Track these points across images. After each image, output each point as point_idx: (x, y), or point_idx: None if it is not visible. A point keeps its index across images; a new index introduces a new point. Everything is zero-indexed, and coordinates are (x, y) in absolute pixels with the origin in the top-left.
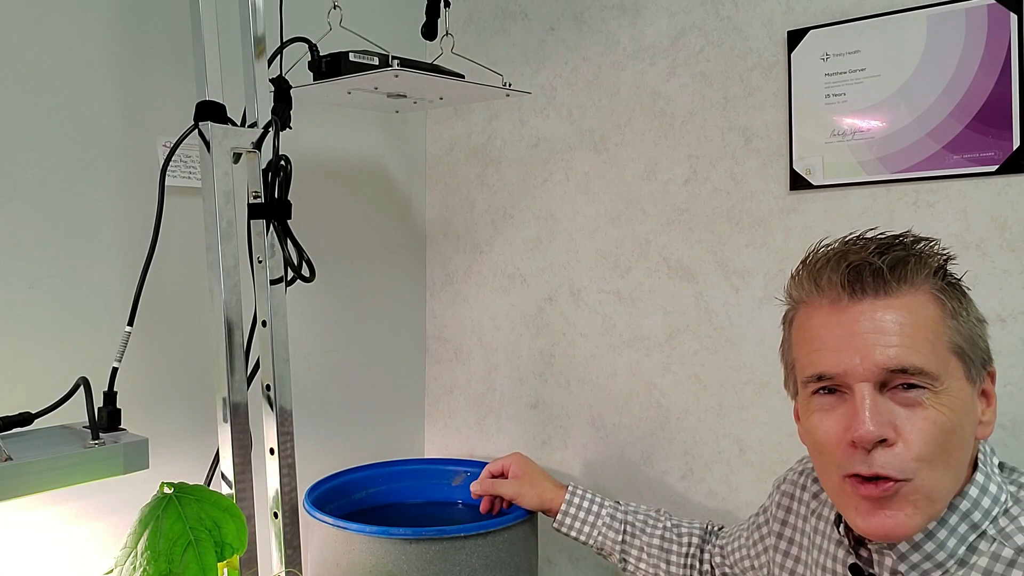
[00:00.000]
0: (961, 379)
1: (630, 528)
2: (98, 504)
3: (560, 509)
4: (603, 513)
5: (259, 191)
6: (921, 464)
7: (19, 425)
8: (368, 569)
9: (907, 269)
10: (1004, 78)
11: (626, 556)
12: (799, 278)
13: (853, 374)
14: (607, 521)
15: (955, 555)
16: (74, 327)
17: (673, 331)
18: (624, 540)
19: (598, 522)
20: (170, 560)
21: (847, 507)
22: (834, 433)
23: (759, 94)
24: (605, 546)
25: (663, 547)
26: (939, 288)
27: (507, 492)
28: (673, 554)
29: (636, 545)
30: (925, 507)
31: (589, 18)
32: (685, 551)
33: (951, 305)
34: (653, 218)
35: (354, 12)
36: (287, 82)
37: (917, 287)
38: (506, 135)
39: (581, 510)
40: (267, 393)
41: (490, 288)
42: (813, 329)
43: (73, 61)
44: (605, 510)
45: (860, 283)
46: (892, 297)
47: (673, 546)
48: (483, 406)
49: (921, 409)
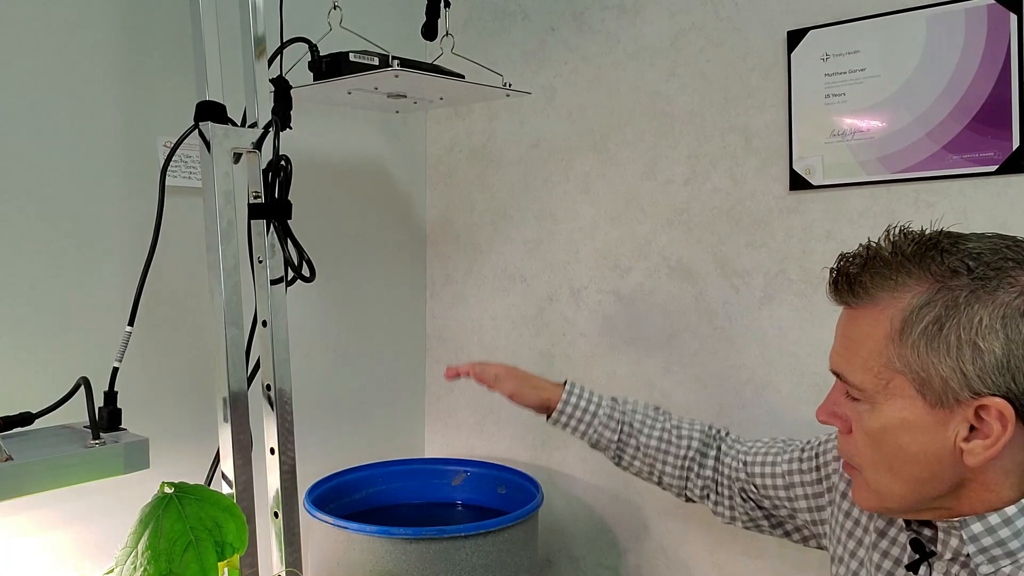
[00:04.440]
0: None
1: (627, 428)
2: (98, 504)
3: (556, 407)
4: (600, 412)
5: (259, 191)
6: (864, 462)
7: (19, 425)
8: (368, 569)
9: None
10: (1004, 78)
11: (621, 454)
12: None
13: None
14: (603, 420)
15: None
16: (74, 327)
17: (673, 331)
18: (620, 440)
19: (594, 420)
20: (170, 560)
21: None
22: None
23: (759, 94)
24: (600, 443)
25: (660, 448)
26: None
27: (506, 389)
28: (670, 455)
29: (632, 444)
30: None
31: (589, 18)
32: (683, 454)
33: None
34: (653, 218)
35: (354, 12)
36: (287, 82)
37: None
38: (506, 135)
39: (578, 408)
40: (267, 393)
41: (490, 288)
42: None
43: (73, 61)
44: (602, 408)
45: (836, 289)
46: (857, 308)
47: (671, 447)
48: (483, 406)
49: (858, 418)
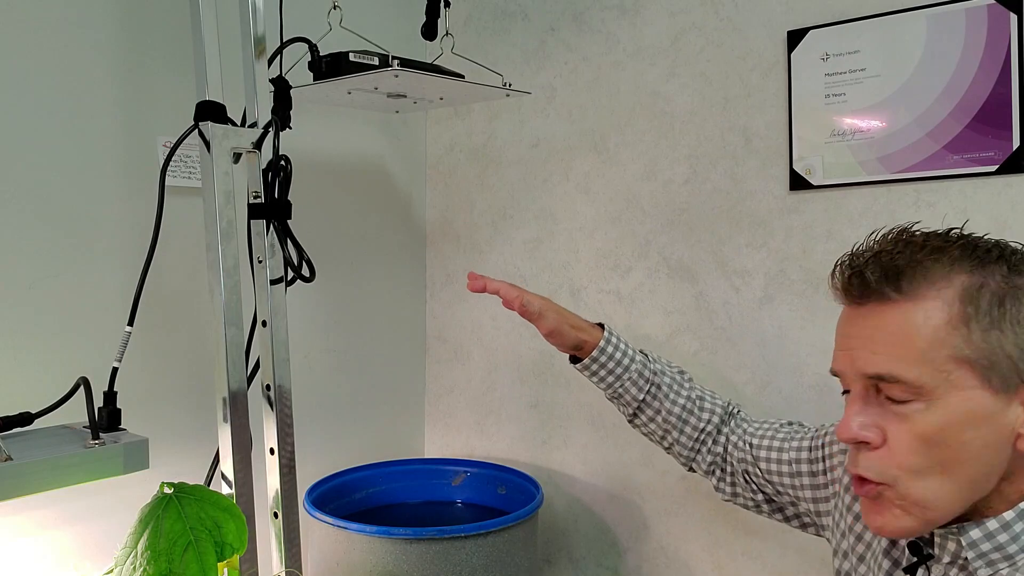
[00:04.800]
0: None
1: (654, 388)
2: (98, 504)
3: (592, 353)
4: (632, 367)
5: (259, 191)
6: (905, 472)
7: (19, 425)
8: (368, 569)
9: (907, 278)
10: (1004, 78)
11: (639, 413)
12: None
13: (846, 375)
14: (634, 377)
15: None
16: (74, 327)
17: (673, 331)
18: (644, 399)
19: (625, 375)
20: (170, 560)
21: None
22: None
23: (759, 94)
24: (623, 398)
25: (681, 416)
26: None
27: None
28: (688, 426)
29: (654, 407)
30: (918, 513)
31: (589, 18)
32: (701, 427)
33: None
34: (653, 218)
35: (354, 12)
36: (287, 82)
37: (920, 295)
38: (506, 135)
39: (612, 359)
40: (267, 393)
41: None
42: (837, 325)
43: (73, 61)
44: (635, 364)
45: (859, 288)
46: (887, 304)
47: (691, 418)
48: (483, 406)
49: (908, 421)
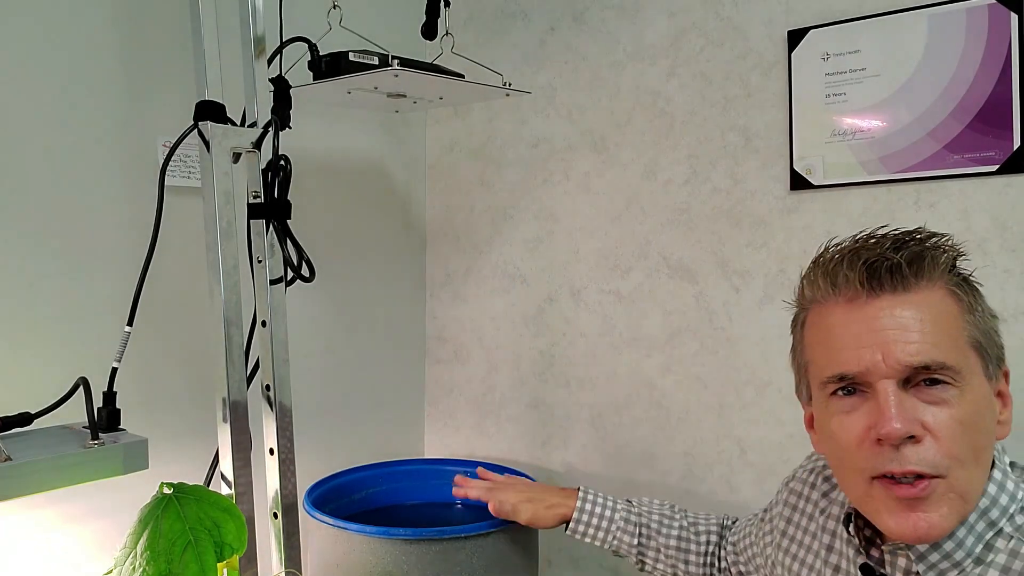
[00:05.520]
0: (980, 375)
1: (645, 530)
2: (98, 504)
3: (572, 516)
4: (616, 517)
5: (259, 191)
6: (953, 461)
7: (19, 425)
8: (368, 569)
9: (924, 264)
10: (1004, 78)
11: (643, 558)
12: (812, 278)
13: (876, 371)
14: (621, 525)
15: (972, 553)
16: (74, 327)
17: (673, 331)
18: (640, 543)
19: (612, 527)
20: (170, 560)
21: (878, 511)
22: (857, 433)
23: (759, 94)
24: (621, 549)
25: (680, 547)
26: (955, 283)
27: (524, 518)
28: (692, 554)
29: (653, 547)
30: (959, 506)
31: (589, 18)
32: (704, 550)
33: (967, 300)
34: (653, 218)
35: (354, 12)
36: (287, 82)
37: (934, 282)
38: (506, 135)
39: (594, 516)
40: (267, 393)
41: (490, 288)
42: (830, 328)
43: (73, 61)
44: (618, 513)
45: (878, 279)
46: (910, 293)
47: (691, 546)
48: (483, 406)
49: (947, 407)
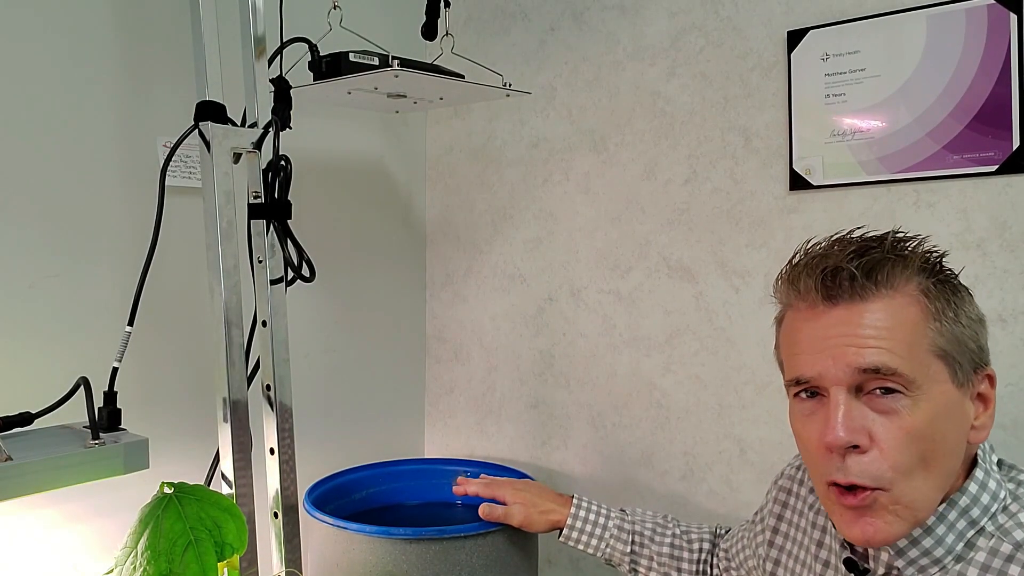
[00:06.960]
0: (945, 383)
1: (638, 538)
2: (98, 504)
3: (566, 523)
4: (610, 525)
5: (259, 191)
6: (897, 474)
7: (19, 425)
8: (368, 569)
9: (883, 273)
10: (1004, 78)
11: (636, 567)
12: (781, 281)
13: (827, 377)
14: (614, 533)
15: (953, 551)
16: (74, 327)
17: (673, 331)
18: (633, 551)
19: (605, 534)
20: (170, 560)
21: (832, 513)
22: (814, 438)
23: (759, 94)
24: (614, 557)
25: (673, 555)
26: (923, 289)
27: (516, 521)
28: (684, 561)
29: (646, 555)
30: (907, 516)
31: (589, 18)
32: (696, 557)
33: (935, 306)
34: (653, 218)
35: (354, 12)
36: (287, 82)
37: (896, 289)
38: (506, 135)
39: (588, 523)
40: (267, 393)
41: (490, 288)
42: (794, 333)
43: (73, 61)
44: (612, 521)
45: (836, 288)
46: (868, 302)
47: (684, 553)
48: (483, 406)
49: (896, 417)
